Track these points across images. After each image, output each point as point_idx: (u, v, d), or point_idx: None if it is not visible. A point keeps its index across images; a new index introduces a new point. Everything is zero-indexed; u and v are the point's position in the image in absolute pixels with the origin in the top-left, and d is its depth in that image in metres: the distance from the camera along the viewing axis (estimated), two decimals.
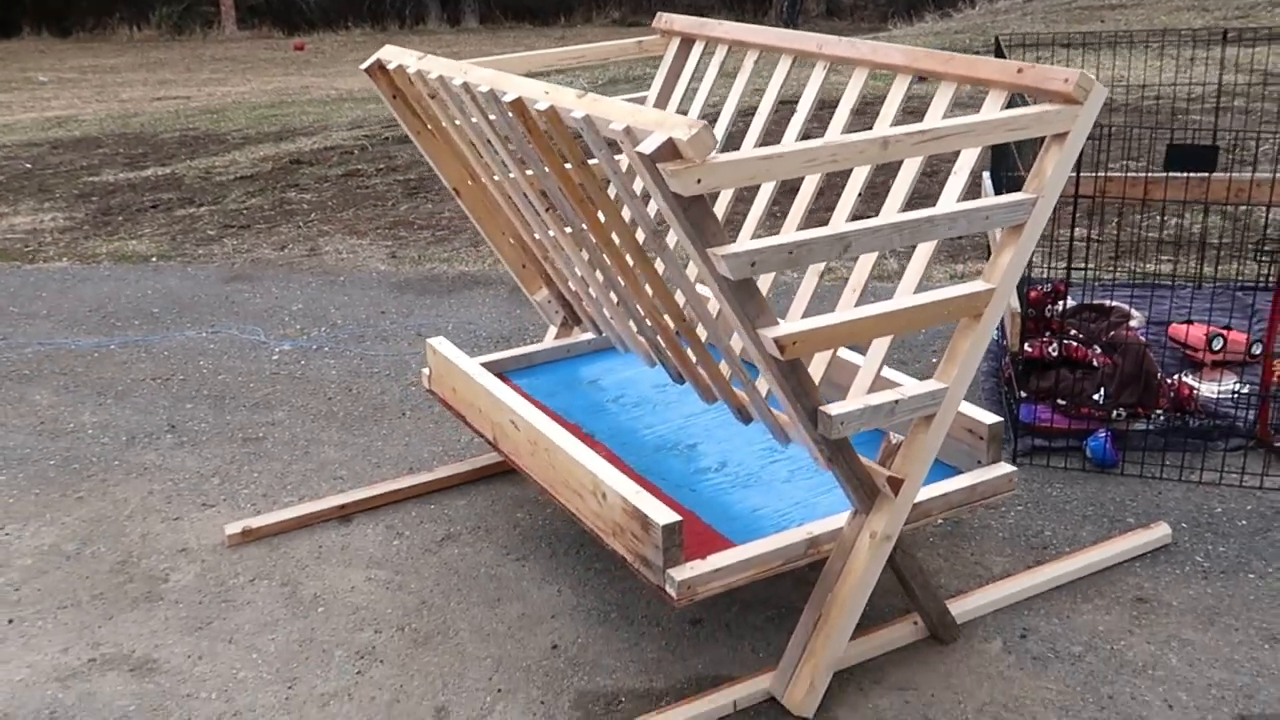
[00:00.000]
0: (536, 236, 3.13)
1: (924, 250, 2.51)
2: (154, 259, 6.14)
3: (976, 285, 2.42)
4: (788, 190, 3.47)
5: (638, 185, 3.25)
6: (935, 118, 2.53)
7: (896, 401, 2.36)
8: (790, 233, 2.42)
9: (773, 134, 3.43)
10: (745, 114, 7.01)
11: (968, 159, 2.49)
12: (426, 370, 3.39)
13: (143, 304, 5.36)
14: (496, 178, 2.98)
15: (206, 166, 8.61)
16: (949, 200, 2.44)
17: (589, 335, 3.57)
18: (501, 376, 3.29)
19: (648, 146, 1.96)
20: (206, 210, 7.23)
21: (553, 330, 3.62)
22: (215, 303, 5.32)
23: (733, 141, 5.11)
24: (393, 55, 3.02)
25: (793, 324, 2.20)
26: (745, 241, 2.12)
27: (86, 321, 5.16)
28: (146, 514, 3.46)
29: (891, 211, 2.47)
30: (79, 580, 3.13)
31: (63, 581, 3.13)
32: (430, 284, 5.49)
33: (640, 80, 11.06)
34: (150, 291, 5.54)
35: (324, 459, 3.75)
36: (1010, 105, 2.50)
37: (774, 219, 5.22)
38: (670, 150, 1.96)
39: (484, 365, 3.31)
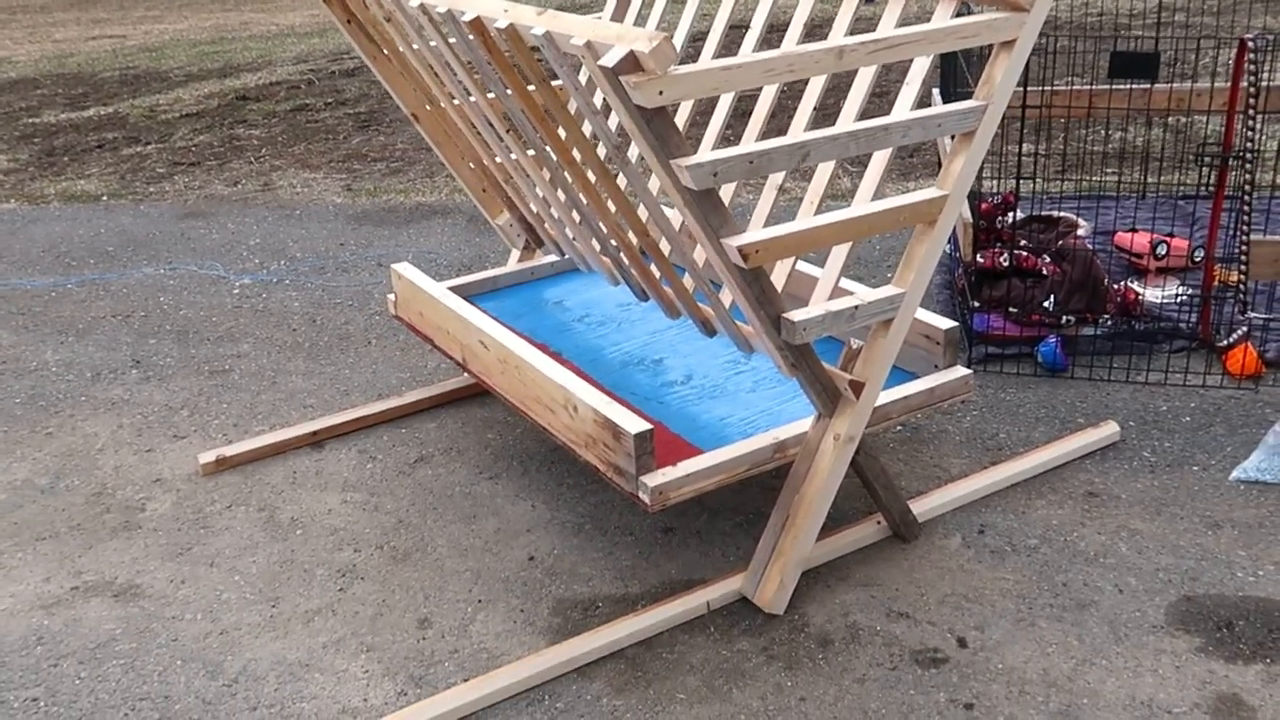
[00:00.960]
0: (498, 160, 3.16)
1: (879, 160, 2.57)
2: (104, 198, 6.08)
3: (931, 192, 2.49)
4: (740, 114, 3.51)
5: (598, 99, 3.28)
6: (887, 29, 2.58)
7: (857, 307, 2.44)
8: (750, 143, 2.47)
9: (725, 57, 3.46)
10: (696, 40, 7.00)
11: (919, 70, 2.55)
12: (392, 296, 3.43)
13: (97, 243, 5.32)
14: (456, 101, 3.00)
15: (150, 105, 8.47)
16: (902, 110, 2.50)
17: (551, 257, 3.62)
18: (467, 300, 3.33)
19: (610, 60, 2.00)
20: (154, 148, 7.14)
21: (515, 253, 3.66)
22: (171, 240, 5.30)
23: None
24: None
25: (755, 232, 2.26)
26: (707, 152, 2.17)
27: (40, 261, 5.12)
28: (118, 447, 3.48)
29: (847, 122, 2.53)
30: (55, 513, 3.16)
31: (39, 514, 3.16)
32: (388, 215, 5.49)
33: (585, 8, 10.97)
34: (103, 230, 5.49)
35: (292, 388, 3.79)
36: (958, 16, 2.55)
37: (727, 142, 5.26)
38: (632, 63, 2.00)
39: (450, 289, 3.35)
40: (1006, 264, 3.71)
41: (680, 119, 3.22)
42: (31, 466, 3.41)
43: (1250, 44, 3.29)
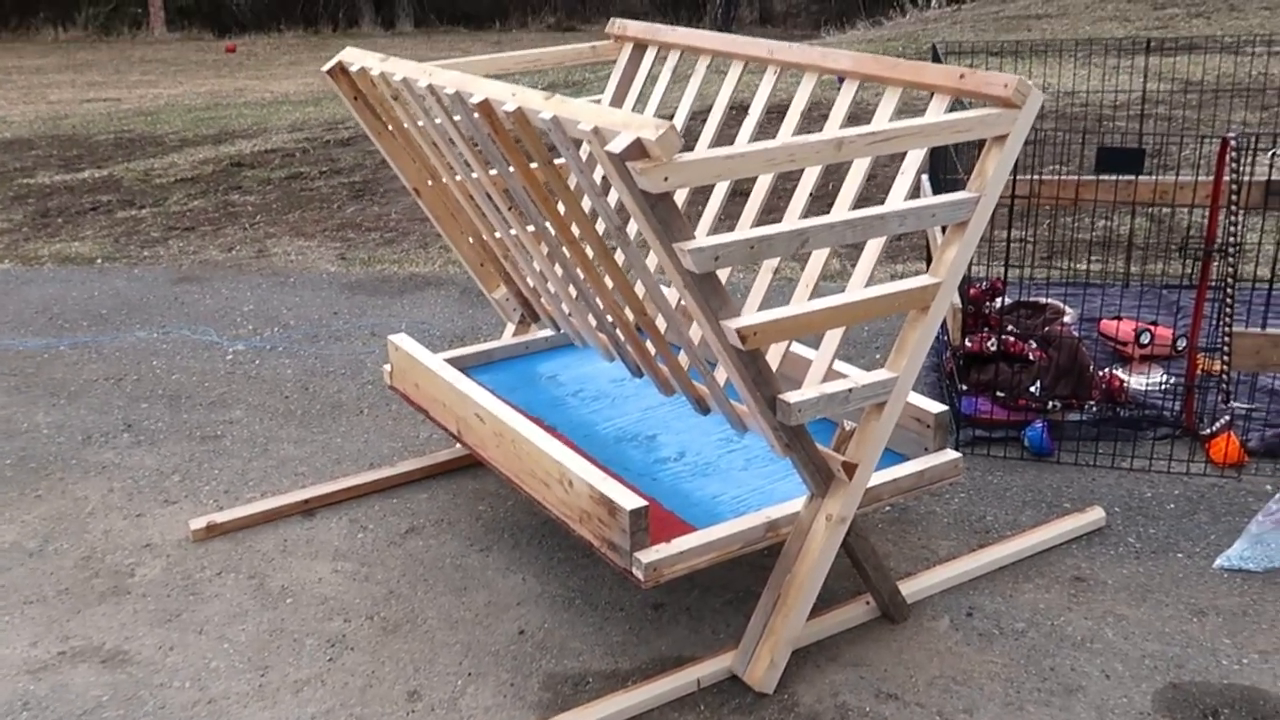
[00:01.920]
0: (497, 235, 3.21)
1: (873, 247, 2.64)
2: (99, 260, 6.12)
3: (924, 279, 2.55)
4: (736, 193, 3.58)
5: (598, 175, 3.34)
6: (883, 121, 2.66)
7: (850, 390, 2.48)
8: (749, 229, 2.53)
9: (723, 137, 3.54)
10: (695, 116, 7.11)
11: (913, 160, 2.63)
12: (388, 367, 3.46)
13: (90, 305, 5.34)
14: (458, 177, 3.06)
15: (145, 169, 8.55)
16: (896, 199, 2.57)
17: (547, 332, 3.66)
18: (462, 372, 3.36)
19: (616, 146, 2.06)
20: (149, 212, 7.20)
21: (511, 327, 3.70)
22: (164, 304, 5.33)
23: (686, 145, 5.22)
24: (355, 57, 3.09)
25: (753, 315, 2.31)
26: (709, 237, 2.22)
27: (34, 322, 5.14)
28: (108, 511, 3.48)
29: (843, 209, 2.60)
30: (44, 576, 3.15)
31: (27, 578, 3.15)
32: (381, 285, 5.54)
33: (580, 85, 11.15)
34: (97, 293, 5.52)
35: (284, 456, 3.80)
36: (952, 109, 2.63)
37: (720, 222, 5.33)
38: (638, 149, 2.06)
39: (445, 361, 3.38)
40: (994, 349, 3.78)
41: (678, 195, 3.29)
42: (20, 529, 3.40)
43: (1232, 142, 3.39)
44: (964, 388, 3.77)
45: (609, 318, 2.81)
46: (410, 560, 3.17)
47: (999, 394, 3.73)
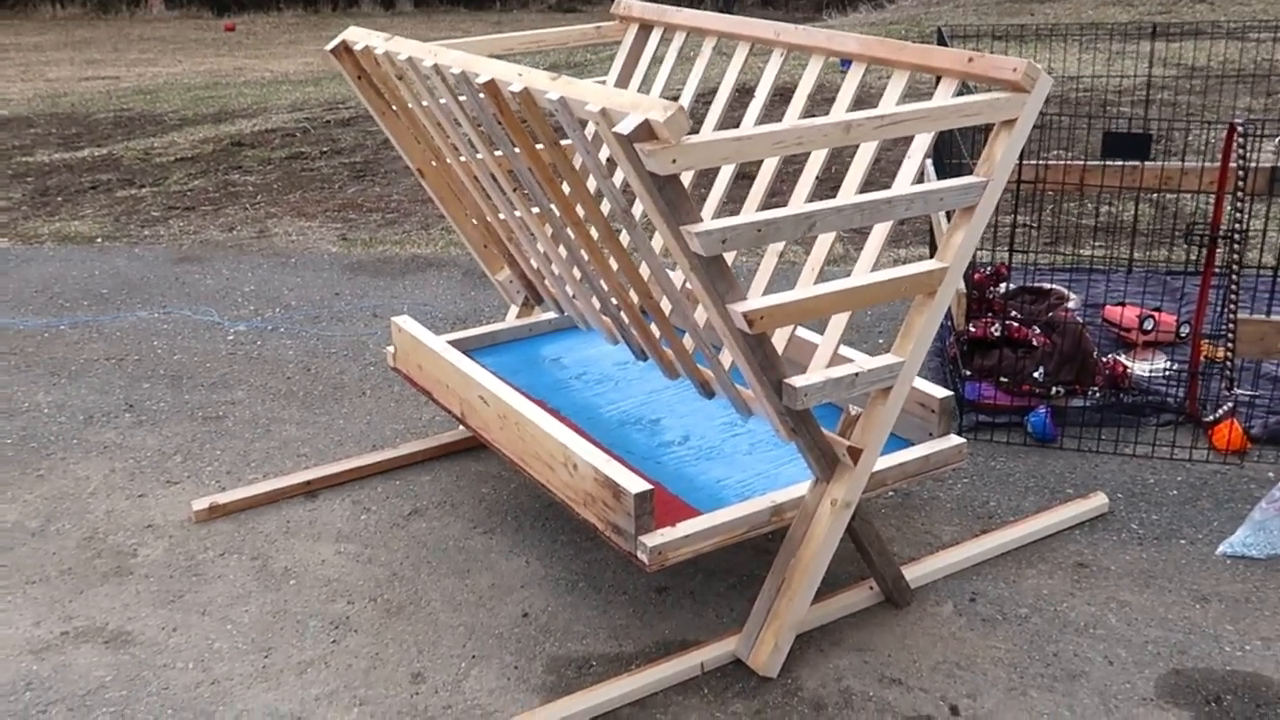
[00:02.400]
0: (501, 217, 3.20)
1: (879, 232, 2.62)
2: (99, 240, 6.10)
3: (931, 264, 2.54)
4: (740, 176, 3.56)
5: (604, 155, 3.32)
6: (890, 104, 2.65)
7: (856, 374, 2.48)
8: (756, 212, 2.51)
9: (728, 120, 3.53)
10: (699, 98, 7.09)
11: (921, 144, 2.61)
12: (391, 348, 3.45)
13: (90, 284, 5.33)
14: (463, 158, 3.05)
15: (145, 148, 8.52)
16: (904, 183, 2.56)
17: (550, 314, 3.65)
18: (465, 355, 3.36)
19: (625, 127, 2.04)
20: (149, 191, 7.17)
21: (514, 310, 3.69)
22: (165, 284, 5.31)
23: (691, 127, 5.20)
24: (359, 36, 3.07)
25: (760, 299, 2.30)
26: (716, 220, 2.21)
27: (34, 302, 5.12)
28: (110, 491, 3.48)
29: (850, 193, 2.58)
30: (46, 556, 3.15)
31: (29, 557, 3.14)
32: (383, 266, 5.52)
33: (581, 66, 11.11)
34: (97, 272, 5.51)
35: (286, 437, 3.79)
36: (958, 94, 2.62)
37: (723, 206, 5.31)
38: (646, 131, 2.04)
39: (449, 343, 3.37)
40: (998, 334, 3.77)
41: (684, 177, 3.27)
42: (22, 509, 3.39)
43: (1239, 128, 3.37)
44: (968, 373, 3.77)
45: (613, 300, 2.80)
46: (413, 542, 3.17)
47: (1002, 379, 3.72)
